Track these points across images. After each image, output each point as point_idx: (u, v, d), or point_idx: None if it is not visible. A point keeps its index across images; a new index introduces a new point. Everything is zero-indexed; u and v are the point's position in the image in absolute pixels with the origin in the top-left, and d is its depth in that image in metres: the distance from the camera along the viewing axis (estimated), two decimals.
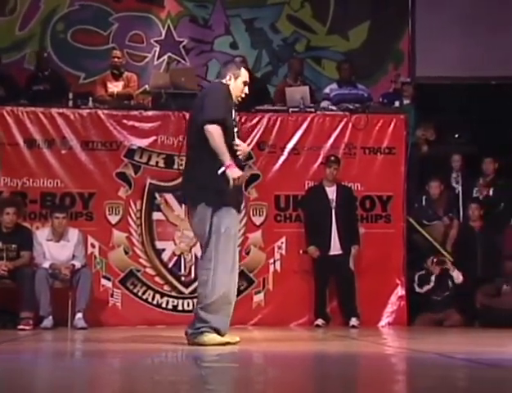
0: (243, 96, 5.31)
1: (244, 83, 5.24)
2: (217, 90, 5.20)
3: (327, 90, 8.67)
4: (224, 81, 5.25)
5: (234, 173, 4.93)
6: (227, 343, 5.10)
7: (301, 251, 7.79)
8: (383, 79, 9.84)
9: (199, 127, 5.03)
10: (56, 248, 7.41)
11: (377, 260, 7.85)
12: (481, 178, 8.57)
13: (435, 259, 7.97)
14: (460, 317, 7.80)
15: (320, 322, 7.59)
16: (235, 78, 5.22)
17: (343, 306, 7.69)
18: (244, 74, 5.26)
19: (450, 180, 8.71)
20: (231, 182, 4.91)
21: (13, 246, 7.20)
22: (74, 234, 7.49)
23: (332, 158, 7.83)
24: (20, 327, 6.87)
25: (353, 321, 7.50)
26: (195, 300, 7.72)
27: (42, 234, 7.48)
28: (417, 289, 7.96)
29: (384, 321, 7.89)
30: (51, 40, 9.75)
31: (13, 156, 7.80)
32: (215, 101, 5.08)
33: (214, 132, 4.98)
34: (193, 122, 5.24)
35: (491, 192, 8.46)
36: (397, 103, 8.32)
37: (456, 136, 9.28)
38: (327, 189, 7.78)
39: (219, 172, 4.94)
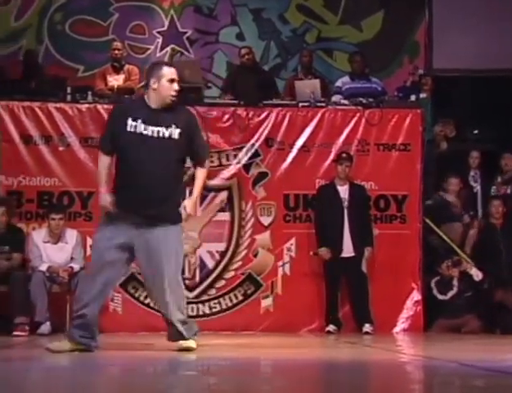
0: (174, 93, 5.34)
1: (171, 81, 5.32)
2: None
3: (339, 83, 8.64)
4: (148, 88, 5.36)
5: (101, 200, 5.32)
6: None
7: (311, 253, 7.77)
8: (398, 72, 9.83)
9: None
10: (53, 250, 7.41)
11: (392, 263, 7.83)
12: (499, 176, 8.51)
13: (450, 263, 7.95)
14: (479, 323, 7.76)
15: (331, 328, 7.57)
16: (159, 79, 5.31)
17: (355, 311, 7.66)
18: (167, 72, 5.34)
19: (468, 178, 8.67)
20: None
21: (6, 247, 7.20)
22: (72, 235, 7.49)
23: (344, 155, 7.81)
24: (16, 333, 6.87)
25: (366, 327, 7.47)
26: (200, 305, 7.78)
27: (38, 235, 7.48)
28: (439, 297, 7.91)
29: (399, 327, 7.86)
30: (49, 31, 9.78)
31: (9, 153, 7.81)
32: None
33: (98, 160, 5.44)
34: None
35: (508, 190, 8.40)
36: (413, 97, 8.28)
37: (475, 132, 9.24)
38: (339, 188, 7.76)
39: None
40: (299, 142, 8.04)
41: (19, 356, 5.45)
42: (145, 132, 5.24)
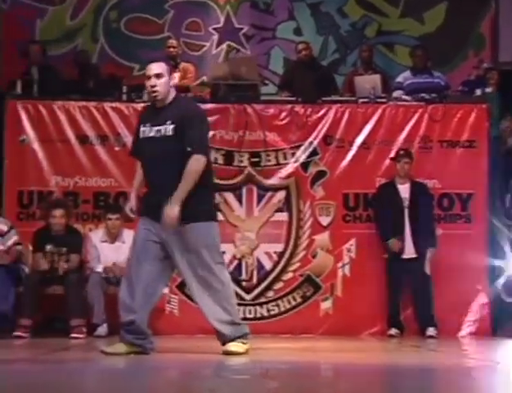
0: (151, 90, 5.39)
1: (148, 78, 5.40)
2: None
3: (400, 79, 8.55)
4: None
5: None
6: None
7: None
8: (462, 66, 9.68)
9: None
10: (110, 250, 7.50)
11: (456, 264, 7.71)
12: None
13: None
14: None
15: (393, 331, 7.50)
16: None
17: (418, 314, 7.57)
18: (146, 70, 5.46)
19: None
20: None
21: (64, 249, 7.29)
22: (129, 236, 7.54)
23: (401, 152, 7.73)
24: (73, 335, 6.97)
25: (430, 331, 7.38)
26: (257, 307, 7.78)
27: (96, 236, 7.57)
28: (507, 299, 7.77)
29: (465, 331, 7.74)
30: (104, 30, 9.91)
31: (64, 154, 7.93)
32: None
33: None
34: None
35: None
36: (478, 91, 8.15)
37: None
38: (399, 187, 7.67)
39: None
40: (359, 140, 7.98)
41: (75, 358, 5.52)
42: (150, 134, 5.39)
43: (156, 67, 5.39)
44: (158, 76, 5.33)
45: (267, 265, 7.89)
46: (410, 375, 4.48)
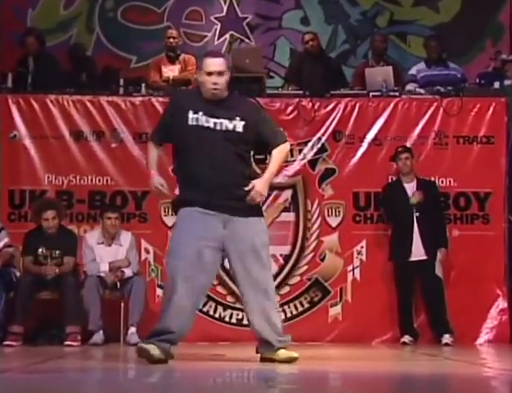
0: (214, 87, 5.30)
1: (208, 74, 5.31)
2: None
3: (413, 71, 8.57)
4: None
5: (154, 181, 5.34)
6: None
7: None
8: (479, 57, 9.67)
9: None
10: (107, 252, 7.50)
11: (474, 267, 7.72)
12: None
13: None
14: None
15: (407, 339, 7.50)
16: (200, 71, 5.38)
17: (432, 320, 7.58)
18: (205, 65, 5.34)
19: None
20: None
21: (57, 251, 7.30)
22: (126, 238, 7.57)
23: (400, 149, 7.73)
24: (67, 342, 6.97)
25: (446, 338, 7.38)
26: None
27: (91, 237, 7.58)
28: None
29: (483, 338, 7.75)
30: (100, 20, 9.90)
31: (58, 151, 7.95)
32: None
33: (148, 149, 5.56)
34: None
35: None
36: (496, 84, 8.16)
37: None
38: (405, 185, 7.66)
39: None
40: (370, 136, 8.00)
41: (71, 367, 5.52)
42: (206, 124, 5.28)
43: (219, 64, 5.32)
44: (220, 74, 5.30)
45: (273, 269, 7.86)
46: (423, 386, 4.48)
